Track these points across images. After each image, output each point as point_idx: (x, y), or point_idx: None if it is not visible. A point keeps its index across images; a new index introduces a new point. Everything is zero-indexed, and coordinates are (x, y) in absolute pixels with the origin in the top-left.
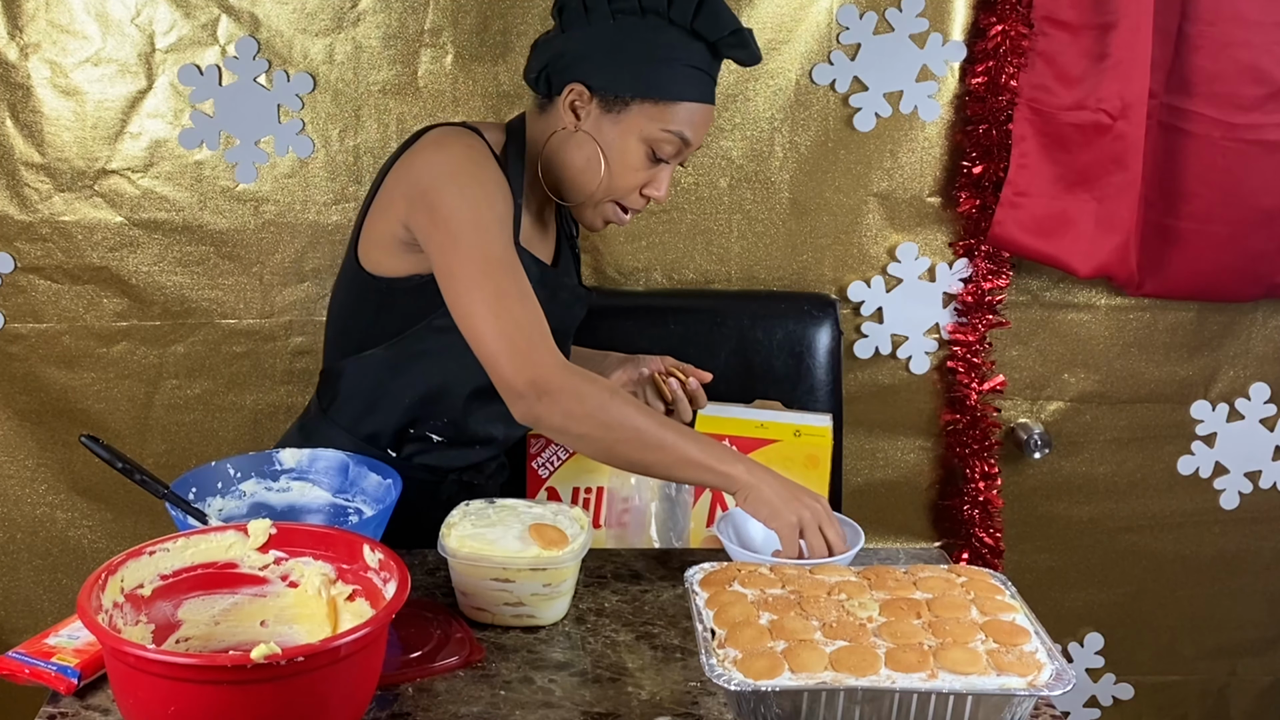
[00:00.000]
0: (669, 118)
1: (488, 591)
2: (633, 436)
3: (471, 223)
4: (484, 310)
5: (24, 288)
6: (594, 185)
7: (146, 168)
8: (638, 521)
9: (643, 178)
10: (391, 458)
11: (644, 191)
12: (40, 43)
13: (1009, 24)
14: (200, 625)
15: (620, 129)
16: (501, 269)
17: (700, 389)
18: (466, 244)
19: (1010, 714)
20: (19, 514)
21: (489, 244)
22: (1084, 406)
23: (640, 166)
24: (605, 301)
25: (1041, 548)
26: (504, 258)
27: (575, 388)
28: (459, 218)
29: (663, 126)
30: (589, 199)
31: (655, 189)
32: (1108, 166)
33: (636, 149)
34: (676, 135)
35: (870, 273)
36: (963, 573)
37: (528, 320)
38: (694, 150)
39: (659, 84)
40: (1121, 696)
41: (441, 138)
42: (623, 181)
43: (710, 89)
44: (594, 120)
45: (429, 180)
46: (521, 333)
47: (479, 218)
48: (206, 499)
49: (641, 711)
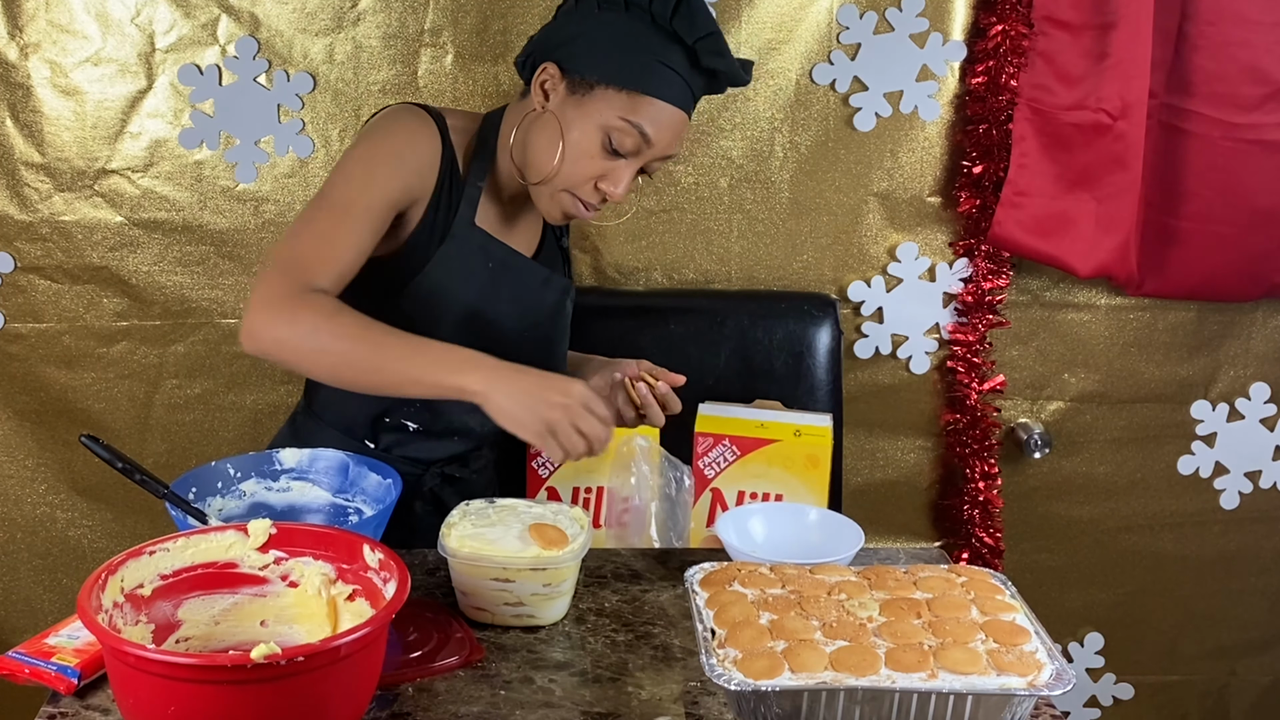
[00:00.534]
0: (630, 109)
1: (488, 591)
2: (341, 361)
3: (341, 173)
4: (288, 232)
5: (24, 288)
6: (548, 167)
7: (146, 168)
8: (638, 521)
9: (597, 168)
10: (370, 449)
11: (599, 185)
12: (40, 43)
13: (1009, 24)
14: (200, 625)
15: (581, 112)
16: (328, 206)
17: (672, 393)
18: (323, 189)
19: (1010, 714)
20: (19, 514)
21: (336, 187)
22: (1084, 406)
23: (594, 154)
24: (605, 301)
25: (1041, 548)
26: (340, 200)
27: (294, 307)
28: (335, 174)
29: (622, 116)
30: (544, 182)
31: (610, 184)
32: (1108, 166)
33: (593, 135)
34: (635, 128)
35: (870, 273)
36: (963, 573)
37: (309, 251)
38: (659, 156)
39: (625, 73)
40: (1121, 696)
41: (380, 115)
42: (576, 167)
43: (683, 94)
44: (560, 101)
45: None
46: (287, 258)
47: (349, 171)
48: (206, 499)
49: (641, 711)
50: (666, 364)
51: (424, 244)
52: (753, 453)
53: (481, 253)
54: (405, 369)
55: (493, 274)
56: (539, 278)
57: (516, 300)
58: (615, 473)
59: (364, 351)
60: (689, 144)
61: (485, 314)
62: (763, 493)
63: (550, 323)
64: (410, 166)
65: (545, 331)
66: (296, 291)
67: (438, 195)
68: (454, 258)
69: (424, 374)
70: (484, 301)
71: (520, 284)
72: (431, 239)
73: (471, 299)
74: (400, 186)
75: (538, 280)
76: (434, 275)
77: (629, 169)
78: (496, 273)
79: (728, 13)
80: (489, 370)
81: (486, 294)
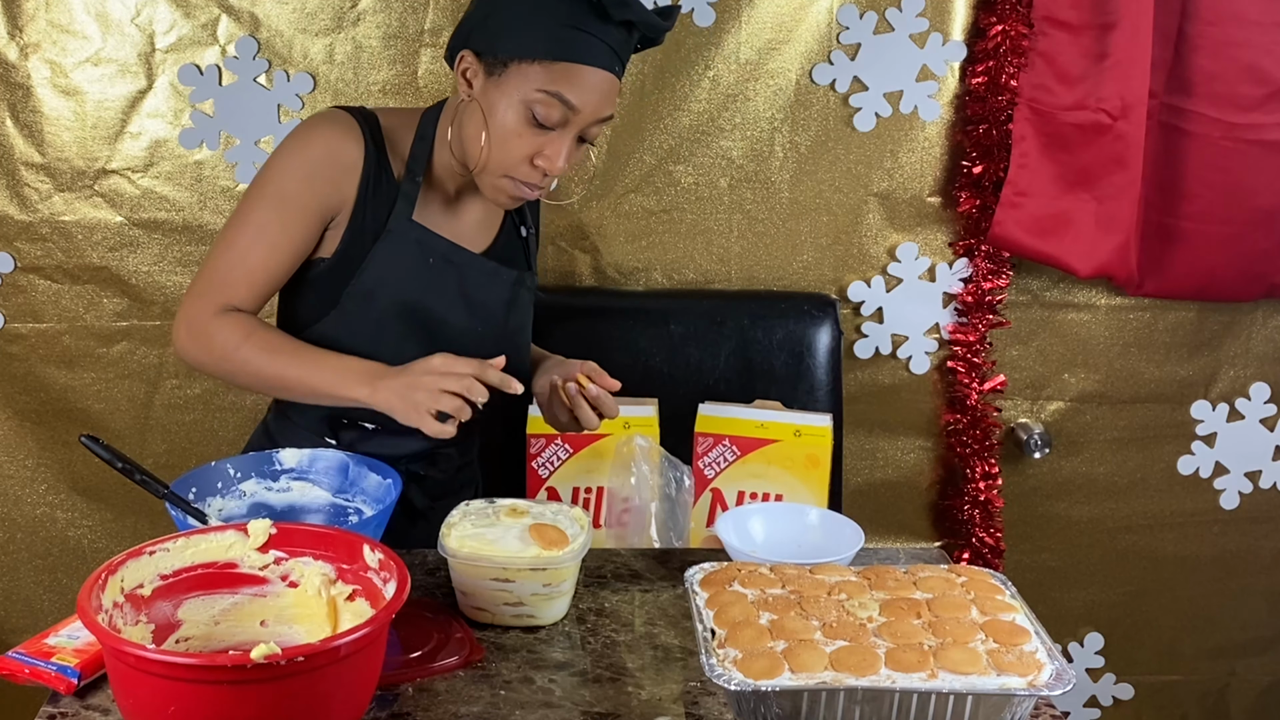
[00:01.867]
0: (547, 79)
1: (488, 591)
2: (255, 380)
3: (256, 188)
4: (209, 254)
5: (24, 288)
6: (477, 154)
7: (146, 168)
8: (638, 521)
9: (528, 145)
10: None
11: (535, 162)
12: (40, 43)
13: (1009, 24)
14: (200, 625)
15: (501, 92)
16: (244, 225)
17: (606, 397)
18: (241, 205)
19: (1010, 714)
20: (19, 514)
21: (252, 203)
22: (1084, 406)
23: (522, 131)
24: (605, 301)
25: (1041, 548)
26: (257, 219)
27: (210, 332)
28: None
29: (538, 87)
30: (480, 168)
31: (546, 160)
32: (1108, 166)
33: (516, 112)
34: (555, 97)
35: (870, 273)
36: (963, 573)
37: (226, 272)
38: (592, 121)
39: (535, 44)
40: (1121, 696)
41: (298, 126)
42: (505, 148)
43: (601, 54)
44: (481, 86)
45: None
46: (208, 278)
47: (263, 184)
48: (206, 499)
49: (641, 711)
50: (667, 364)
51: (358, 245)
52: (753, 453)
53: (419, 248)
54: (308, 385)
55: (434, 269)
56: (485, 271)
57: (463, 295)
58: (615, 473)
59: (270, 373)
60: (689, 144)
61: (430, 310)
62: (763, 493)
63: (502, 316)
64: (324, 175)
65: (498, 325)
66: (211, 315)
67: (364, 197)
68: (391, 255)
69: (323, 388)
70: (428, 297)
71: (465, 279)
72: (365, 239)
73: (413, 295)
74: (315, 197)
75: (484, 274)
76: (371, 274)
77: (562, 141)
78: (439, 268)
79: (728, 13)
80: (371, 377)
81: (430, 290)
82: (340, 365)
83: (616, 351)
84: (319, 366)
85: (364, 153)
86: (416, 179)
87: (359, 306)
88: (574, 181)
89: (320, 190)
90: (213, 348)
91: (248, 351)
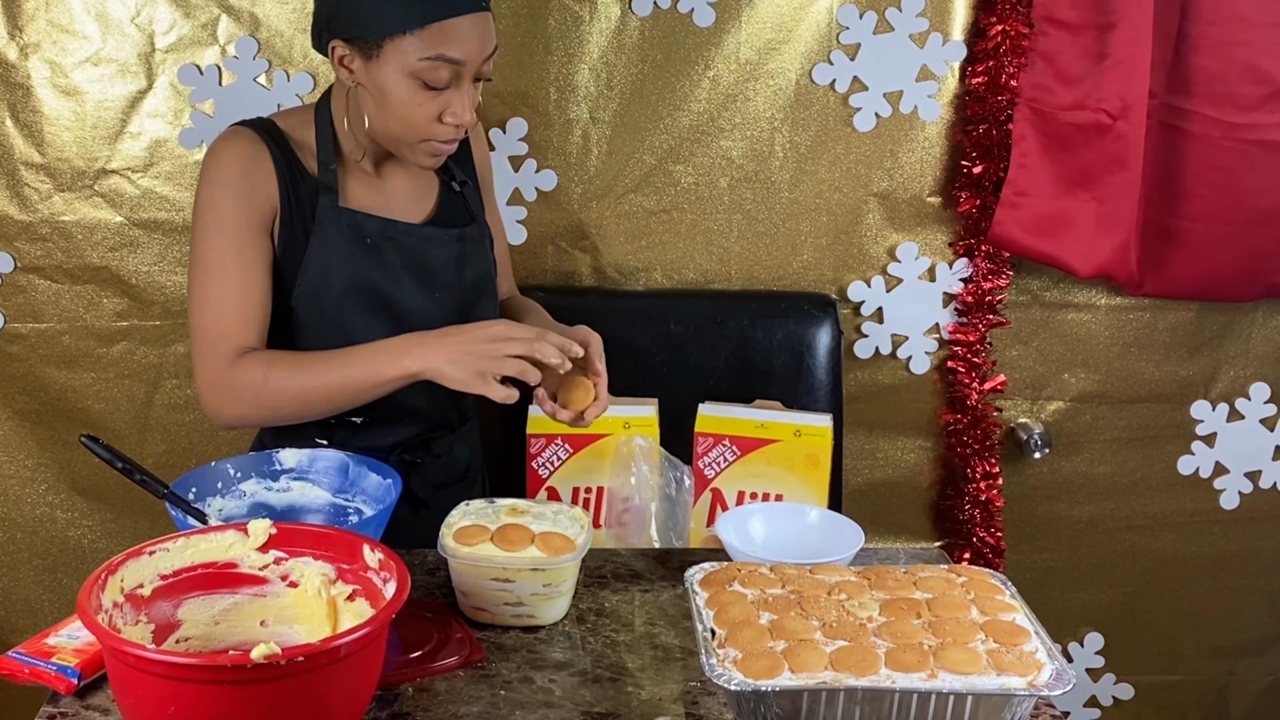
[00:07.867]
0: (423, 46)
1: (488, 591)
2: (297, 401)
3: (199, 229)
4: (190, 314)
5: (24, 288)
6: (385, 131)
7: (146, 168)
8: (638, 521)
9: (430, 109)
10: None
11: (444, 120)
12: (40, 43)
13: (1009, 24)
14: (200, 625)
15: (384, 72)
16: (206, 270)
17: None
18: (193, 251)
19: (1010, 714)
20: (19, 514)
21: (202, 248)
22: (1084, 406)
23: (419, 101)
24: (605, 302)
25: (1041, 548)
26: (214, 261)
27: (233, 382)
28: (195, 231)
29: (419, 56)
30: (393, 143)
31: (454, 115)
32: (1108, 166)
33: (405, 86)
34: (437, 60)
35: (870, 273)
36: (963, 573)
37: (215, 323)
38: (480, 63)
39: (396, 16)
40: (1121, 696)
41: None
42: (409, 120)
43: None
44: (362, 69)
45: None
46: (202, 340)
47: (203, 223)
48: (206, 499)
49: (641, 711)
50: (667, 364)
51: (293, 246)
52: (753, 453)
53: (354, 231)
54: (351, 383)
55: (374, 249)
56: (423, 237)
57: (411, 266)
58: (615, 473)
59: (309, 386)
60: (689, 144)
61: (380, 289)
62: (763, 493)
63: (455, 276)
64: (248, 188)
65: (452, 286)
66: (226, 366)
67: (287, 199)
68: (327, 246)
69: (366, 379)
70: (375, 277)
71: (407, 250)
72: (299, 240)
73: (360, 280)
74: (252, 211)
75: (423, 240)
76: (312, 270)
77: (460, 94)
78: (378, 246)
79: (727, 13)
80: (417, 346)
81: (375, 270)
82: (374, 349)
83: (616, 351)
84: (354, 360)
85: (273, 157)
86: (331, 168)
87: (309, 304)
88: (574, 181)
89: (253, 203)
90: (242, 394)
91: (277, 379)
